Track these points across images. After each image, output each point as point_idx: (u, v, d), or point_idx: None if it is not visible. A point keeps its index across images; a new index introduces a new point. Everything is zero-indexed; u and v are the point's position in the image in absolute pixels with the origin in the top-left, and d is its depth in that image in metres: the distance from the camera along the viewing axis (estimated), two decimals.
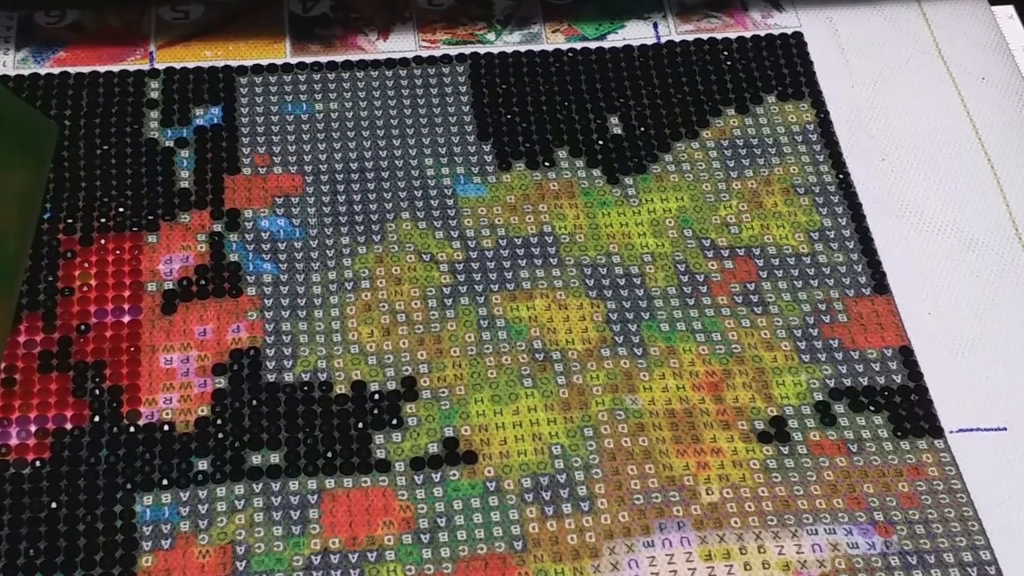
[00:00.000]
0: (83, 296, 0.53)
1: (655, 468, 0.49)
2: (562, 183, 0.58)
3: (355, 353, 0.52)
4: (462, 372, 0.52)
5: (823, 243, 0.56)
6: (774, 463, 0.49)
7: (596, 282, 0.55)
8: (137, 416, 0.50)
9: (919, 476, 0.49)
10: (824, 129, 0.60)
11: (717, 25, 0.64)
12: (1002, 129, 0.60)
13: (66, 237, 0.55)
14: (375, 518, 0.48)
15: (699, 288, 0.55)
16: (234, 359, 0.52)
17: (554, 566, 0.47)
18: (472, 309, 0.54)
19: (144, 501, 0.48)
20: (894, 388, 0.52)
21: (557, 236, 0.56)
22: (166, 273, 0.54)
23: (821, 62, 0.63)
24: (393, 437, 0.50)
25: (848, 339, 0.53)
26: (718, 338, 0.53)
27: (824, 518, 0.48)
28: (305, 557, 0.47)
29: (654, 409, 0.51)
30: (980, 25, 0.64)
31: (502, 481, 0.49)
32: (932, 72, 0.62)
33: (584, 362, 0.52)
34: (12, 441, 0.49)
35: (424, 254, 0.55)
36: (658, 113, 0.60)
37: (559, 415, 0.50)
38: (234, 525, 0.47)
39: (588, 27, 0.64)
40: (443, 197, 0.57)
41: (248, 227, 0.56)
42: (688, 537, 0.47)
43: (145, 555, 0.47)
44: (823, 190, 0.58)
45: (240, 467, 0.49)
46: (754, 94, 0.61)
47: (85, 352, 0.52)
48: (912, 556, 0.47)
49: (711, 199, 0.58)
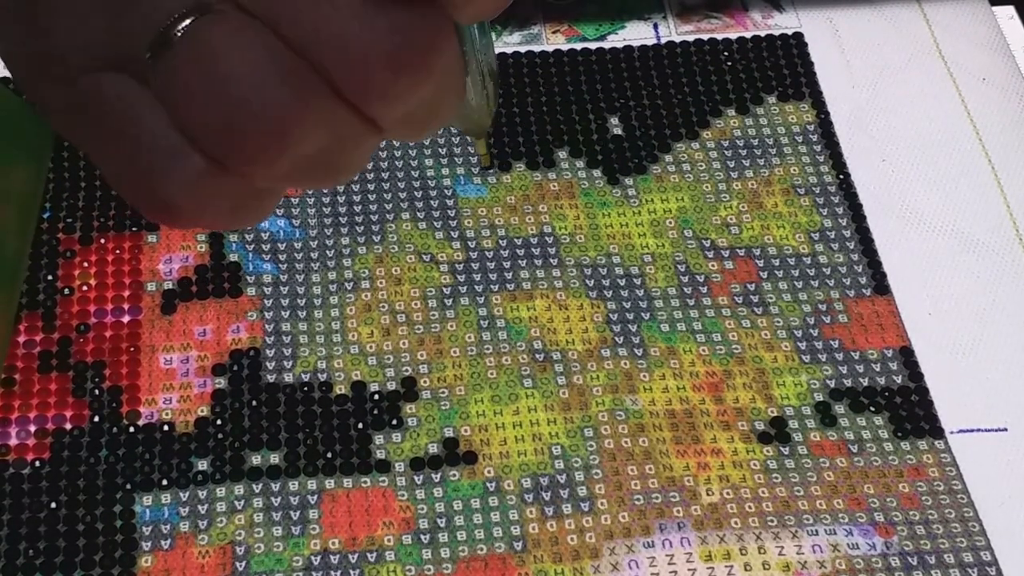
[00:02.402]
0: (83, 296, 0.53)
1: (655, 468, 0.49)
2: (562, 183, 0.58)
3: (355, 353, 0.52)
4: (462, 372, 0.52)
5: (823, 243, 0.56)
6: (774, 464, 0.49)
7: (596, 282, 0.54)
8: (137, 416, 0.50)
9: (919, 477, 0.49)
10: (824, 130, 0.60)
11: (717, 26, 0.64)
12: (1002, 130, 0.60)
13: (66, 237, 0.55)
14: (375, 518, 0.48)
15: (699, 288, 0.54)
16: (234, 359, 0.52)
17: (554, 566, 0.47)
18: (472, 309, 0.53)
19: (144, 501, 0.48)
20: (894, 389, 0.52)
21: (557, 236, 0.56)
22: (166, 273, 0.54)
23: (821, 62, 0.63)
24: (393, 437, 0.50)
25: (848, 340, 0.53)
26: (718, 338, 0.53)
27: (824, 519, 0.48)
28: (305, 557, 0.47)
29: (654, 409, 0.51)
30: (981, 26, 0.64)
31: (502, 481, 0.49)
32: (932, 73, 0.62)
33: (584, 362, 0.52)
34: (12, 441, 0.49)
35: (424, 254, 0.55)
36: (658, 114, 0.60)
37: (559, 415, 0.50)
38: (234, 525, 0.47)
39: (588, 28, 0.64)
40: (443, 198, 0.57)
41: (248, 227, 0.56)
42: (688, 537, 0.47)
43: (145, 555, 0.47)
44: (823, 191, 0.58)
45: (240, 467, 0.49)
46: (754, 95, 0.61)
47: (85, 352, 0.52)
48: (912, 557, 0.47)
49: (711, 199, 0.57)
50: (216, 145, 0.25)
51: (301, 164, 0.25)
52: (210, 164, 0.25)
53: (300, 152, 0.25)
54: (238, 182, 0.25)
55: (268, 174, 0.25)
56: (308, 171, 0.26)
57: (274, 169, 0.25)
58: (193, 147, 0.25)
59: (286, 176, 0.25)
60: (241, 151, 0.24)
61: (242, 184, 0.26)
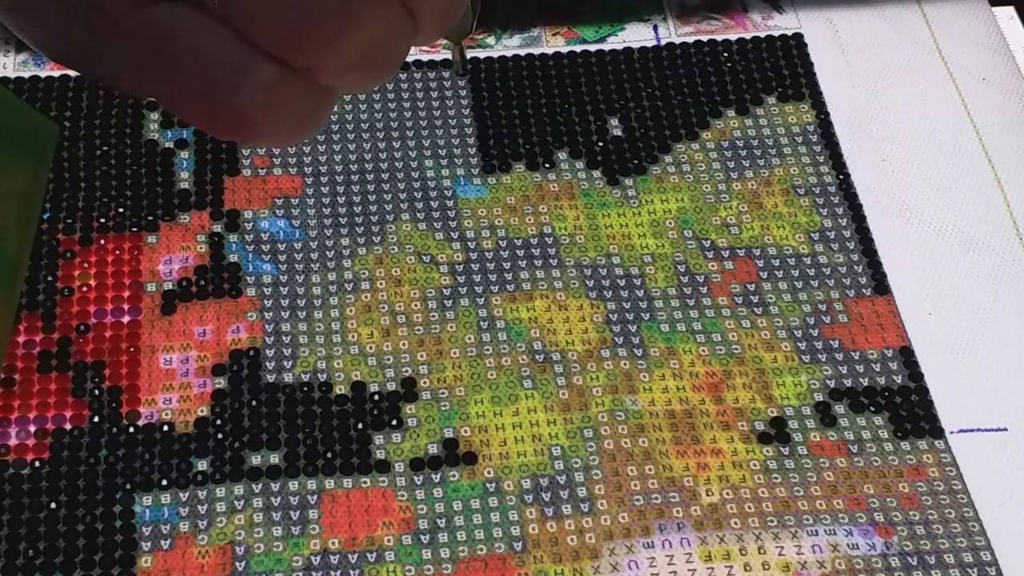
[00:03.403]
0: (83, 296, 0.53)
1: (655, 469, 0.49)
2: (562, 184, 0.58)
3: (355, 354, 0.52)
4: (462, 373, 0.52)
5: (823, 244, 0.56)
6: (774, 464, 0.49)
7: (596, 283, 0.54)
8: (136, 416, 0.50)
9: (919, 477, 0.49)
10: (824, 130, 0.60)
11: (717, 27, 0.64)
12: (1003, 130, 0.60)
13: (66, 237, 0.55)
14: (375, 519, 0.48)
15: (699, 289, 0.54)
16: (234, 359, 0.52)
17: (554, 567, 0.46)
18: (472, 310, 0.53)
19: (143, 501, 0.48)
20: (894, 389, 0.52)
21: (557, 237, 0.56)
22: (166, 273, 0.54)
23: (821, 63, 0.63)
24: (393, 438, 0.50)
25: (848, 340, 0.53)
26: (718, 339, 0.53)
27: (824, 519, 0.48)
28: (305, 558, 0.47)
29: (654, 410, 0.51)
30: (981, 26, 0.64)
31: (502, 482, 0.49)
32: (933, 73, 0.62)
33: (584, 363, 0.52)
34: (11, 441, 0.49)
35: (424, 255, 0.55)
36: (658, 115, 0.60)
37: (559, 416, 0.50)
38: (233, 525, 0.47)
39: (588, 30, 0.64)
40: (443, 198, 0.57)
41: (248, 228, 0.56)
42: (688, 538, 0.47)
43: (144, 555, 0.47)
44: (823, 191, 0.58)
45: (240, 467, 0.49)
46: (754, 95, 0.61)
47: (85, 352, 0.52)
48: (912, 557, 0.47)
49: (711, 200, 0.57)
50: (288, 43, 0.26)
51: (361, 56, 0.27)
52: (281, 70, 0.27)
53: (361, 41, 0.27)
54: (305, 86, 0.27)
55: (336, 65, 0.27)
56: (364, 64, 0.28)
57: (342, 59, 0.27)
58: (263, 56, 0.26)
59: (348, 69, 0.27)
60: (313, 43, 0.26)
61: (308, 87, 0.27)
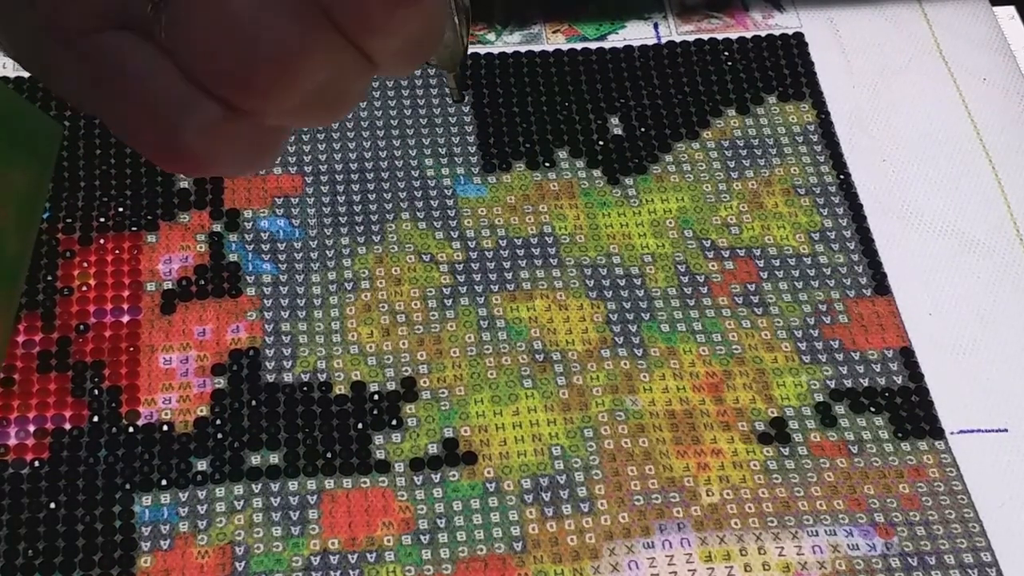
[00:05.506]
0: (82, 296, 0.53)
1: (655, 469, 0.49)
2: (562, 183, 0.58)
3: (355, 353, 0.52)
4: (462, 373, 0.52)
5: (824, 244, 0.56)
6: (774, 464, 0.49)
7: (596, 283, 0.54)
8: (136, 416, 0.50)
9: (920, 477, 0.49)
10: (825, 130, 0.60)
11: (718, 25, 0.64)
12: (1003, 130, 0.60)
13: (65, 237, 0.55)
14: (374, 519, 0.48)
15: (699, 289, 0.54)
16: (233, 359, 0.52)
17: (554, 567, 0.46)
18: (472, 310, 0.53)
19: (143, 501, 0.48)
20: (895, 389, 0.52)
21: (557, 236, 0.56)
22: (165, 273, 0.54)
23: (822, 62, 0.63)
24: (393, 438, 0.50)
25: (849, 340, 0.53)
26: (718, 339, 0.53)
27: (824, 519, 0.48)
28: (304, 558, 0.47)
29: (654, 410, 0.51)
30: (981, 26, 0.64)
31: (502, 482, 0.49)
32: (933, 73, 0.62)
33: (584, 363, 0.52)
34: (11, 441, 0.49)
35: (424, 254, 0.55)
36: (658, 113, 0.60)
37: (559, 416, 0.50)
38: (233, 525, 0.47)
39: (588, 27, 0.64)
40: (443, 197, 0.57)
41: (248, 227, 0.56)
42: (688, 538, 0.47)
43: (144, 555, 0.47)
44: (824, 191, 0.58)
45: (239, 467, 0.49)
46: (755, 94, 0.61)
47: (84, 352, 0.52)
48: (913, 557, 0.47)
49: (711, 199, 0.57)
50: (230, 85, 0.26)
51: (307, 98, 0.27)
52: (224, 109, 0.26)
53: (307, 85, 0.26)
54: (250, 124, 0.27)
55: (279, 109, 0.26)
56: (313, 106, 0.27)
57: (285, 103, 0.26)
58: (206, 95, 0.26)
59: (294, 111, 0.27)
60: (255, 88, 0.26)
61: (254, 126, 0.27)
